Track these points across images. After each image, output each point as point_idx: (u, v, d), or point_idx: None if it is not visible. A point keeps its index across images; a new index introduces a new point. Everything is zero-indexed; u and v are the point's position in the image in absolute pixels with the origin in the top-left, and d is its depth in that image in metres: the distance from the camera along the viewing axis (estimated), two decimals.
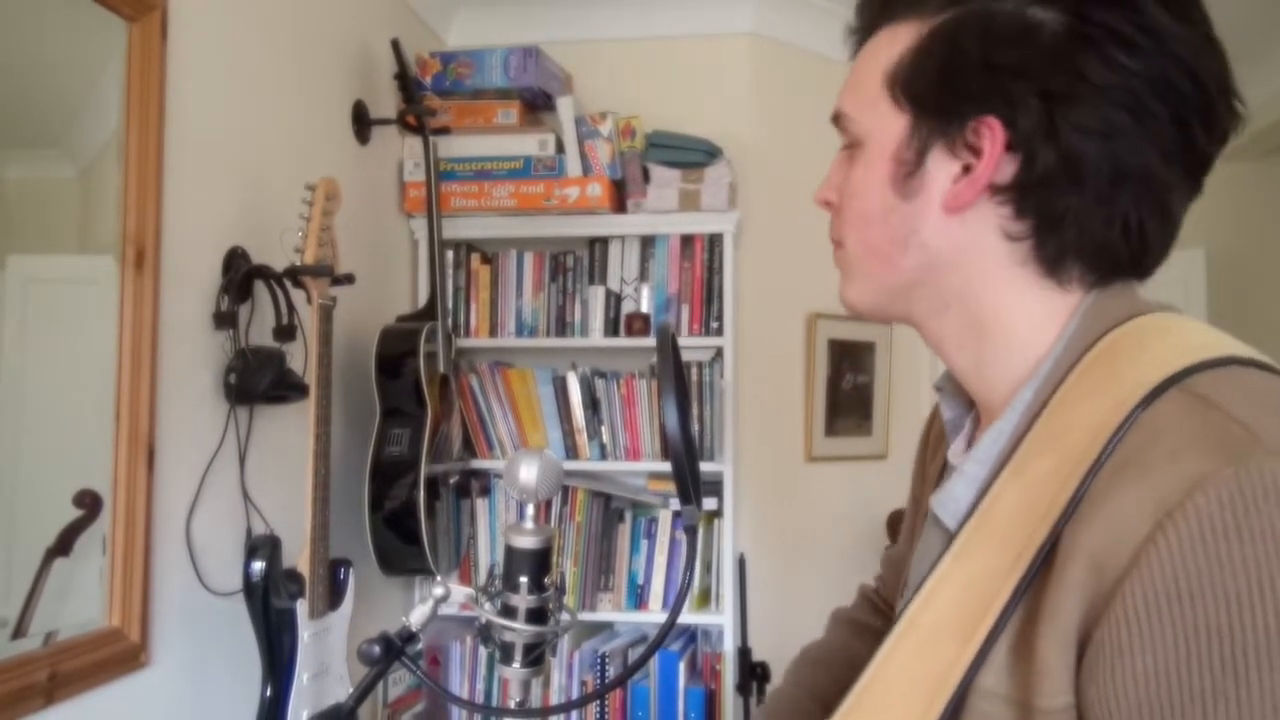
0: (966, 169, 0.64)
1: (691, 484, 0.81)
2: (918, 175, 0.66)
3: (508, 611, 0.89)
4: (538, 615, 0.90)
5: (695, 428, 2.54)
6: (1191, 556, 0.49)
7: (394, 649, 0.87)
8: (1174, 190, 0.63)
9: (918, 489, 0.93)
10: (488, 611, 0.90)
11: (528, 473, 0.88)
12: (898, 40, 0.68)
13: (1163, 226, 0.64)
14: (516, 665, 0.90)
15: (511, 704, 0.92)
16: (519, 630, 0.89)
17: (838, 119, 0.73)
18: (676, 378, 0.80)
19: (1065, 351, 0.63)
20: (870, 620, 1.07)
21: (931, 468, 0.87)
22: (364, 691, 0.87)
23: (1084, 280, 0.65)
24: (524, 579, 0.89)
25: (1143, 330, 0.61)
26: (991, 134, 0.62)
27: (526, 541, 0.89)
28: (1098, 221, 0.62)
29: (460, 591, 0.91)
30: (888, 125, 0.68)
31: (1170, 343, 0.59)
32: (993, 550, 0.59)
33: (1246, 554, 0.48)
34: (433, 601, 0.89)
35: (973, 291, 0.67)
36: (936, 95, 0.65)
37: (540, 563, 0.90)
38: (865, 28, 0.72)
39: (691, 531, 0.84)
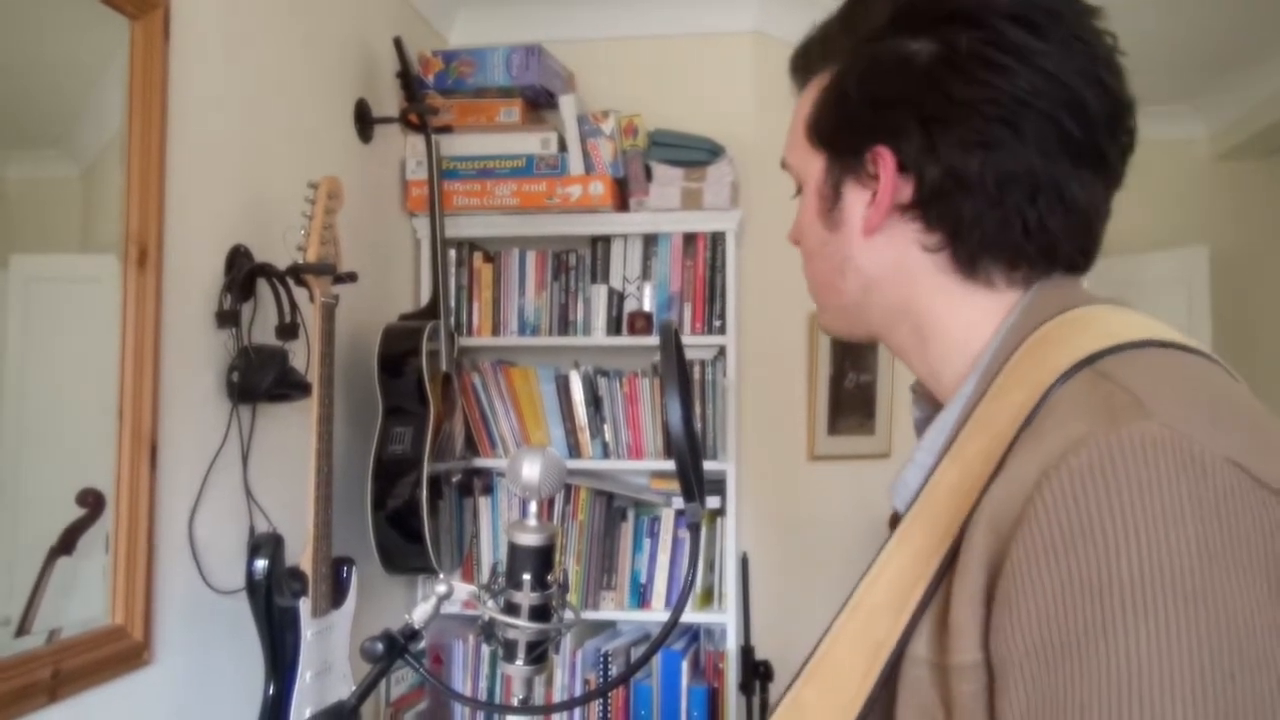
0: (875, 195, 0.72)
1: (695, 481, 0.81)
2: (838, 208, 0.74)
3: (511, 609, 0.89)
4: (541, 612, 0.90)
5: (698, 426, 2.54)
6: (1065, 510, 0.53)
7: (397, 646, 0.87)
8: (1068, 184, 0.68)
9: None
10: (491, 609, 0.90)
11: (530, 470, 0.88)
12: (814, 89, 0.76)
13: (1067, 220, 0.68)
14: (519, 663, 0.90)
15: (514, 701, 0.92)
16: (522, 627, 0.89)
17: (784, 167, 0.81)
18: (680, 375, 0.80)
19: (1001, 346, 0.68)
20: None
21: None
22: (367, 689, 0.87)
23: (1010, 279, 0.70)
24: (527, 576, 0.89)
25: (1070, 322, 0.66)
26: (884, 161, 0.70)
27: (529, 539, 0.89)
28: (995, 224, 0.68)
29: (463, 589, 0.91)
30: (812, 167, 0.76)
31: (1093, 331, 0.63)
32: (929, 529, 0.64)
33: (1114, 506, 0.52)
34: (436, 599, 0.89)
35: (911, 303, 0.73)
36: (837, 134, 0.73)
37: (543, 560, 0.90)
38: (800, 85, 0.80)
39: (695, 528, 0.84)
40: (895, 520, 1.01)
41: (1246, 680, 0.49)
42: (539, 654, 0.91)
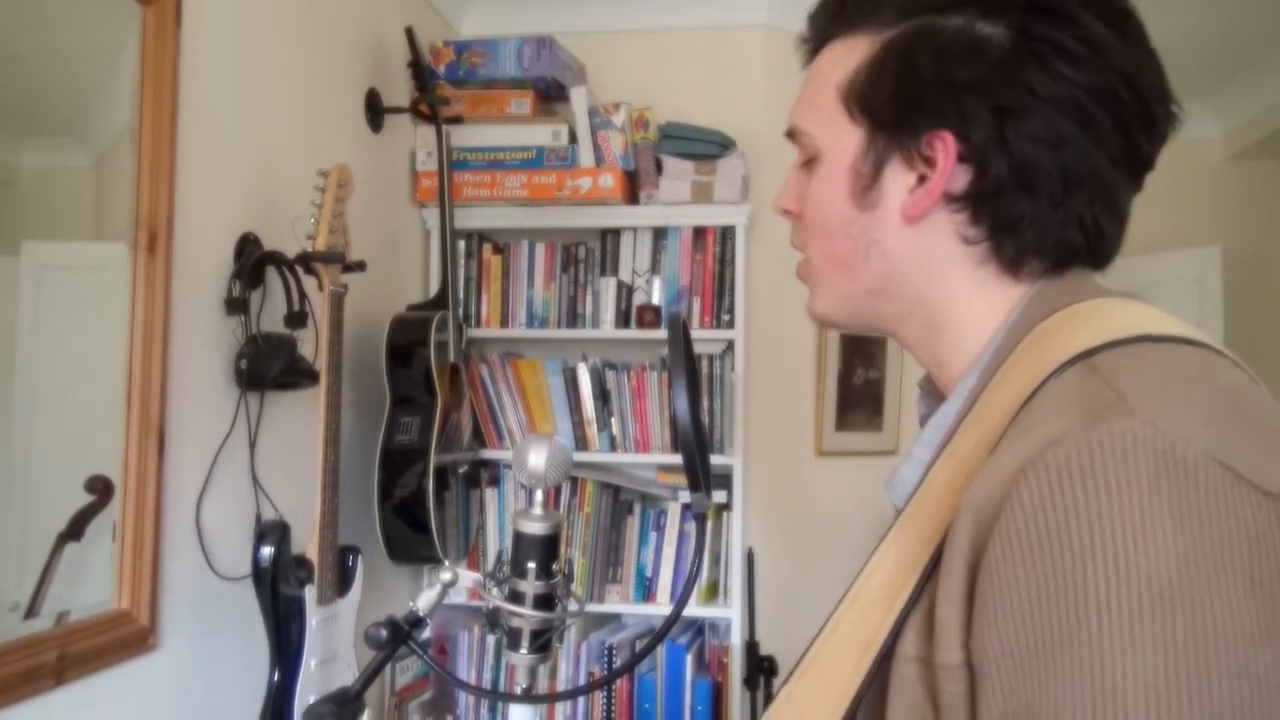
0: (921, 179, 0.67)
1: (701, 471, 0.80)
2: (875, 188, 0.69)
3: (515, 597, 0.89)
4: (545, 601, 0.90)
5: (705, 419, 2.53)
6: (1039, 508, 0.51)
7: (401, 633, 0.87)
8: (1121, 190, 0.67)
9: None
10: (495, 597, 0.90)
11: (537, 458, 0.88)
12: (852, 53, 0.70)
13: (1114, 221, 0.67)
14: (524, 651, 0.90)
15: (518, 690, 0.92)
16: (526, 616, 0.89)
17: (793, 134, 0.75)
18: (688, 365, 0.79)
19: (1005, 340, 0.66)
20: None
21: None
22: (371, 675, 0.87)
23: (1040, 271, 0.68)
24: (532, 564, 0.89)
25: (1073, 315, 0.64)
26: (945, 147, 0.65)
27: (535, 527, 0.89)
28: (1054, 223, 0.65)
29: (468, 576, 0.91)
30: (844, 139, 0.70)
31: (1093, 325, 0.62)
32: (923, 524, 0.63)
33: (1089, 506, 0.50)
34: (441, 586, 0.89)
35: (932, 295, 0.70)
36: (892, 110, 0.67)
37: (548, 549, 0.90)
38: (817, 38, 0.74)
39: (701, 519, 0.84)
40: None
41: (1224, 688, 0.48)
42: (543, 643, 0.91)
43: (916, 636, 0.60)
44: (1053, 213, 0.65)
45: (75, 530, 1.41)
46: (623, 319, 2.63)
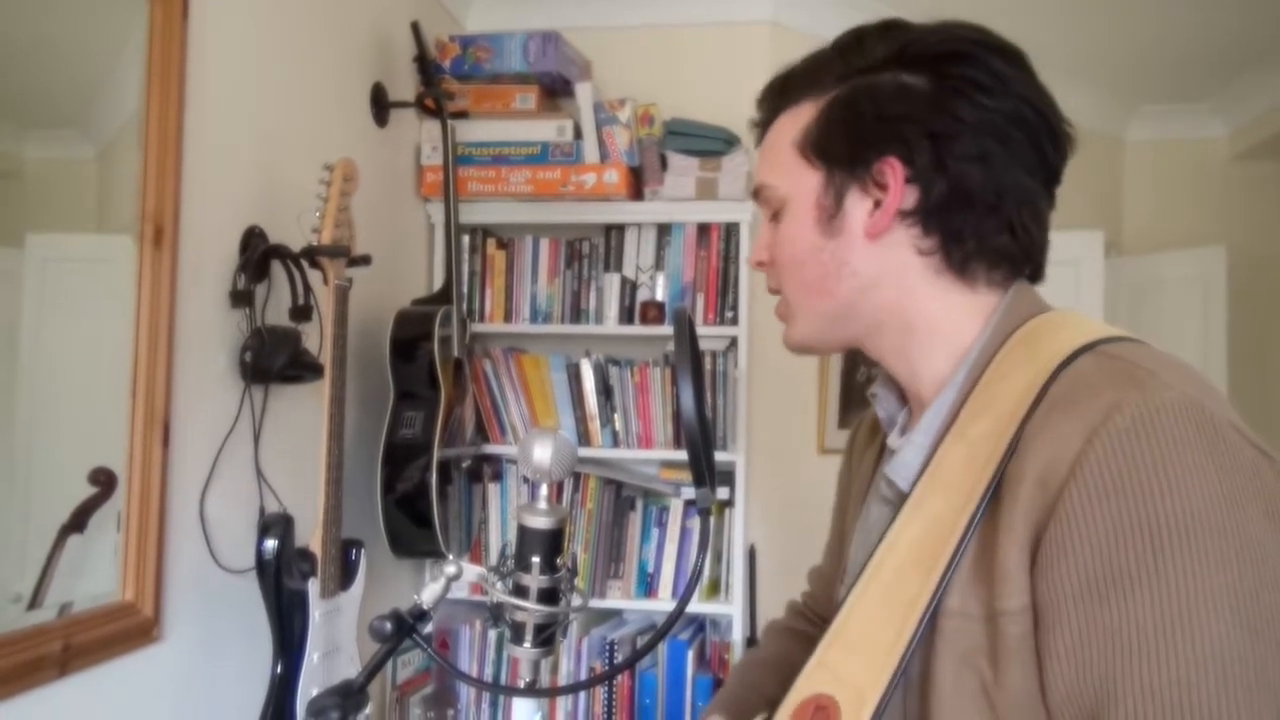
0: (877, 203, 0.79)
1: (706, 466, 0.81)
2: (839, 216, 0.81)
3: (519, 591, 0.89)
4: (549, 595, 0.90)
5: (709, 415, 2.53)
6: (1114, 461, 0.62)
7: (405, 626, 0.87)
8: (1039, 198, 0.80)
9: (844, 501, 1.10)
10: (499, 591, 0.90)
11: (542, 452, 0.88)
12: (799, 117, 0.83)
13: (1038, 227, 0.80)
14: (527, 645, 0.90)
15: (521, 684, 0.92)
16: (530, 610, 0.89)
17: (759, 192, 0.87)
18: (693, 360, 0.80)
19: (989, 340, 0.78)
20: (803, 627, 1.20)
21: (858, 476, 1.02)
22: (375, 668, 0.87)
23: (989, 280, 0.80)
24: (536, 559, 0.89)
25: (1051, 322, 0.77)
26: (894, 171, 0.77)
27: (539, 521, 0.89)
28: (991, 229, 0.78)
29: (472, 570, 0.91)
30: (805, 182, 0.82)
31: (1074, 328, 0.74)
32: (944, 497, 0.72)
33: (1155, 458, 0.62)
34: (445, 579, 0.89)
35: (900, 303, 0.81)
36: (844, 148, 0.80)
37: (553, 543, 0.90)
38: (768, 117, 0.88)
39: (704, 515, 0.84)
40: (843, 505, 1.08)
41: (1268, 597, 0.60)
42: (547, 637, 0.91)
43: (964, 593, 0.69)
44: (988, 220, 0.77)
45: (78, 522, 1.42)
46: (626, 315, 2.63)
